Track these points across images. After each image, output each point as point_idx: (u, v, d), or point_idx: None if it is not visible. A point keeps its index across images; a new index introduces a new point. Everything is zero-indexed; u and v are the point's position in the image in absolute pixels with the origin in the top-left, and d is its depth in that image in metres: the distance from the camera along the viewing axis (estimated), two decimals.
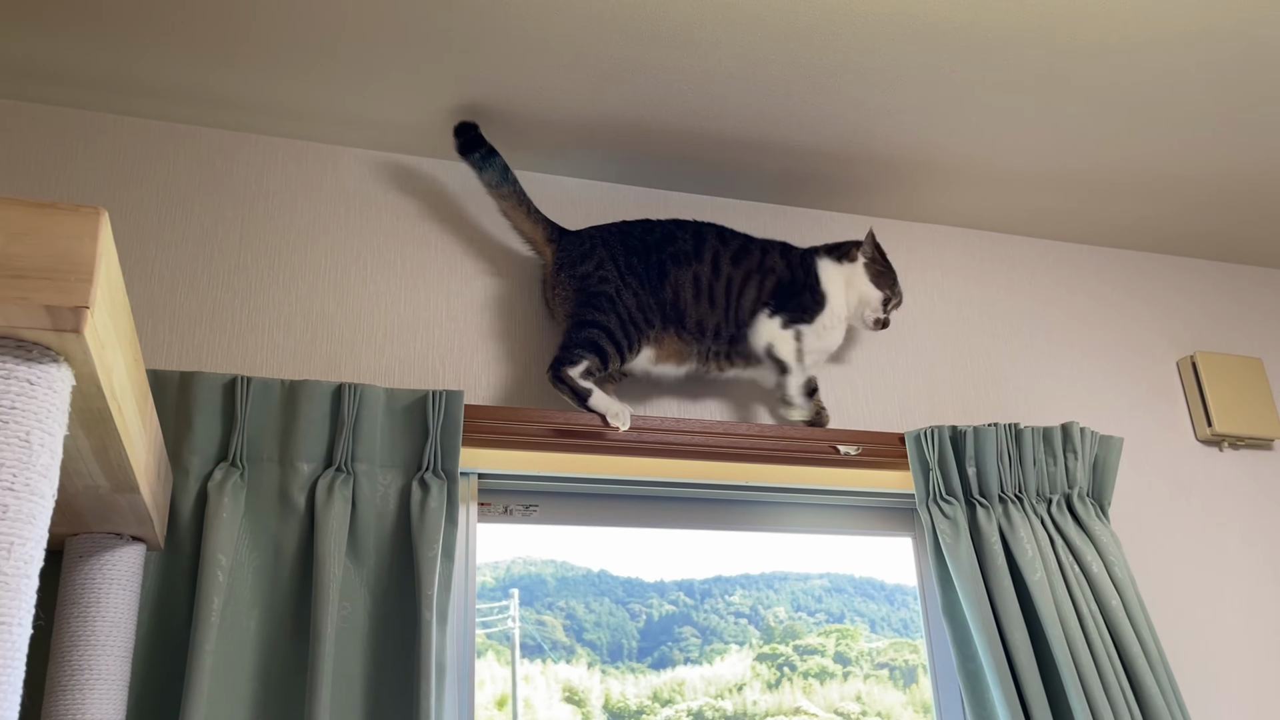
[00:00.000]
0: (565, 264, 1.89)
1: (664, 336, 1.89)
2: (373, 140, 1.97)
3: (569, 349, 1.80)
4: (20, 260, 0.71)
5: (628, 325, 1.84)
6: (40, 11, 1.60)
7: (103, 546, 1.29)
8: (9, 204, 0.73)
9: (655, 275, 1.90)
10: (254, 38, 1.68)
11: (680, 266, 1.91)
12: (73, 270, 0.72)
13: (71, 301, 0.71)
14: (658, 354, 1.90)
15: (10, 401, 0.71)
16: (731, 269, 1.95)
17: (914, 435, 1.95)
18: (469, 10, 1.63)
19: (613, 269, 1.87)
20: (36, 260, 0.72)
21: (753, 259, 1.98)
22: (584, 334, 1.81)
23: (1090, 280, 2.47)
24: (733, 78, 1.83)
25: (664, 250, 1.92)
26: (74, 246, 0.73)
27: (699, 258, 1.93)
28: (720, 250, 1.95)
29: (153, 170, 1.85)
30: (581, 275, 1.87)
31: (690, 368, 1.94)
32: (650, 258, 1.91)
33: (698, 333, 1.91)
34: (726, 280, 1.94)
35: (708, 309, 1.92)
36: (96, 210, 0.75)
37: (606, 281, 1.86)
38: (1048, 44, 1.77)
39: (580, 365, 1.78)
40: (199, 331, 1.76)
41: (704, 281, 1.92)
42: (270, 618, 1.50)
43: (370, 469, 1.61)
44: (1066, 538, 1.93)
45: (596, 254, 1.89)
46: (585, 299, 1.85)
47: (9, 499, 0.69)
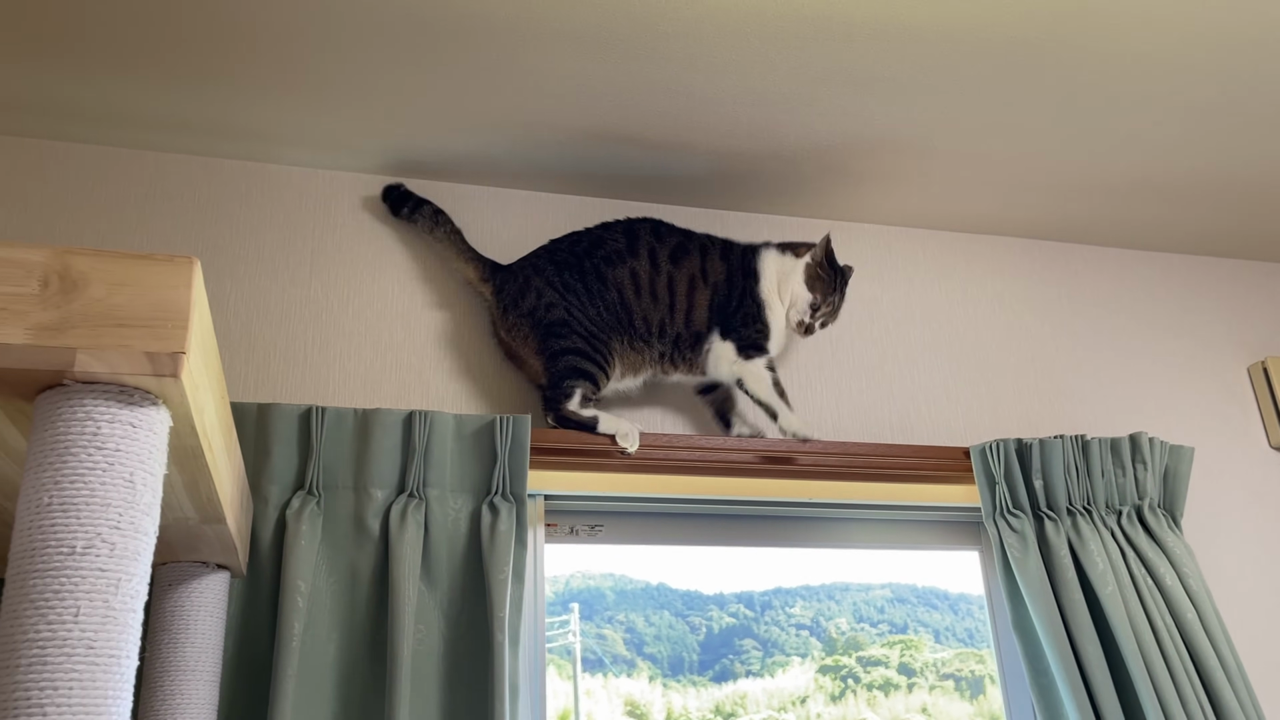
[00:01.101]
0: (509, 304, 1.86)
1: (623, 350, 1.86)
2: (440, 172, 2.02)
3: (556, 385, 1.79)
4: (121, 310, 0.75)
5: (594, 340, 1.82)
6: (122, 57, 1.66)
7: (190, 575, 1.34)
8: (110, 256, 0.77)
9: (594, 281, 1.86)
10: (324, 76, 1.73)
11: (615, 266, 1.88)
12: (170, 318, 0.76)
13: (170, 348, 0.75)
14: (621, 369, 1.87)
15: (115, 444, 0.74)
16: (672, 267, 1.90)
17: (979, 449, 1.94)
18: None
19: (553, 293, 1.84)
20: (136, 309, 0.75)
21: (692, 261, 1.92)
22: (562, 364, 1.80)
23: (1155, 286, 2.44)
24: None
25: (595, 255, 1.88)
26: (170, 295, 0.77)
27: (634, 253, 1.89)
28: (656, 246, 1.91)
29: (226, 208, 1.91)
30: (529, 310, 1.84)
31: (646, 375, 1.91)
32: (584, 265, 1.87)
33: (645, 333, 1.87)
34: (668, 277, 1.89)
35: (650, 304, 1.88)
36: (189, 260, 0.79)
37: (554, 307, 1.83)
38: (1109, 51, 1.76)
39: (575, 396, 1.78)
40: (274, 363, 1.82)
41: (643, 277, 1.88)
42: (348, 642, 1.54)
43: (441, 494, 1.64)
44: (1138, 550, 1.90)
45: (533, 285, 1.86)
46: (544, 331, 1.83)
47: (116, 537, 0.72)
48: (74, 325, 0.73)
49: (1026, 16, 1.66)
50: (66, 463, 0.72)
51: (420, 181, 2.02)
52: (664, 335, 1.88)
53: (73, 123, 1.82)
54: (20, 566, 0.70)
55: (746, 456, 1.87)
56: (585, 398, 1.79)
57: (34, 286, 0.73)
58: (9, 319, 0.71)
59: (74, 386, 0.74)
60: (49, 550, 0.70)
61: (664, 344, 1.88)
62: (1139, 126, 1.98)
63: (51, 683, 0.67)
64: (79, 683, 0.68)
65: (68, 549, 0.70)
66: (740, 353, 1.89)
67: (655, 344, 1.88)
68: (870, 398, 2.12)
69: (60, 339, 0.72)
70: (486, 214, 2.05)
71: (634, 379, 1.90)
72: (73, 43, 1.62)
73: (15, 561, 0.70)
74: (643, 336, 1.87)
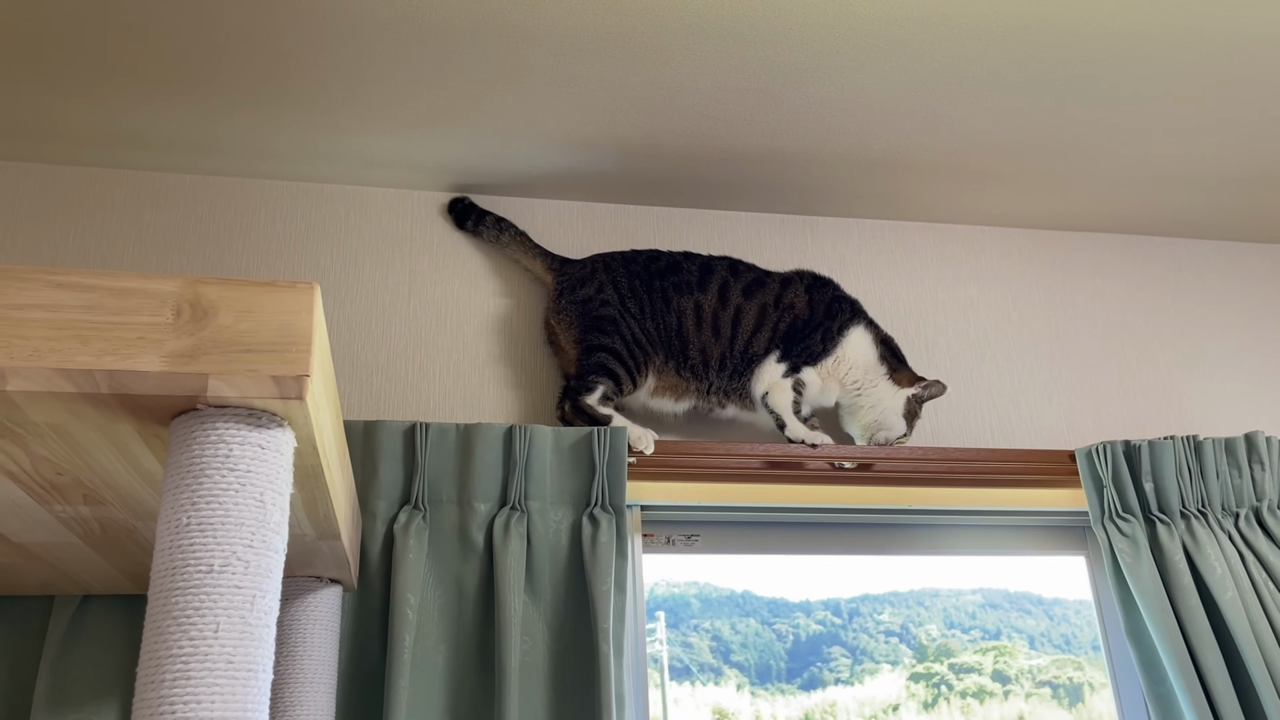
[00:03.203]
0: (566, 289, 1.90)
1: (665, 369, 1.86)
2: (528, 190, 2.05)
3: (583, 376, 1.80)
4: (248, 336, 0.78)
5: (633, 347, 1.83)
6: (227, 90, 1.73)
7: (305, 589, 1.38)
8: (236, 284, 0.80)
9: (659, 302, 1.88)
10: (429, 104, 1.77)
11: (683, 294, 1.89)
12: (294, 342, 0.78)
13: (294, 371, 0.78)
14: (656, 385, 1.87)
15: (246, 466, 0.77)
16: (742, 300, 1.90)
17: (1085, 452, 1.89)
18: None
19: (613, 293, 1.87)
20: (262, 335, 0.78)
21: (768, 292, 1.92)
22: (594, 359, 1.81)
23: (1264, 280, 2.35)
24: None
25: (668, 279, 1.90)
26: (293, 320, 0.79)
27: (703, 288, 1.90)
28: (730, 281, 1.91)
29: (325, 231, 1.96)
30: (583, 299, 1.87)
31: (690, 404, 1.90)
32: (654, 284, 1.89)
33: (701, 365, 1.87)
34: (735, 311, 1.89)
35: (710, 338, 1.87)
36: (310, 285, 0.81)
37: (608, 305, 1.86)
38: (1208, 43, 1.71)
39: (596, 392, 1.78)
40: (377, 380, 1.86)
41: (707, 311, 1.88)
42: (456, 654, 1.57)
43: (542, 506, 1.66)
44: (1258, 554, 1.83)
45: (597, 278, 1.89)
46: (589, 323, 1.85)
47: (249, 555, 0.75)
48: (205, 352, 0.76)
49: (1124, 5, 1.62)
50: (202, 484, 0.75)
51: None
52: (722, 368, 1.88)
53: (180, 154, 1.89)
54: (162, 584, 0.73)
55: (847, 465, 1.86)
56: (606, 396, 1.79)
57: (168, 316, 0.77)
58: (146, 348, 0.75)
59: (206, 411, 0.78)
60: (189, 569, 0.73)
61: (720, 377, 1.88)
62: (1245, 114, 1.91)
63: (195, 696, 0.70)
64: (220, 696, 0.71)
65: (206, 567, 0.73)
66: (787, 374, 1.87)
67: (708, 376, 1.88)
68: (969, 402, 2.09)
69: (193, 365, 0.75)
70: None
71: (675, 403, 1.89)
72: (180, 78, 1.69)
73: (157, 580, 0.73)
74: (695, 368, 1.87)
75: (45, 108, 1.75)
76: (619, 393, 1.81)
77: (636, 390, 1.85)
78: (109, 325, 0.75)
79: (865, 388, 1.92)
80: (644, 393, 1.87)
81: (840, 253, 2.17)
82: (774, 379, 1.87)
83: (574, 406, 1.79)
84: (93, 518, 1.06)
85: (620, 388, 1.81)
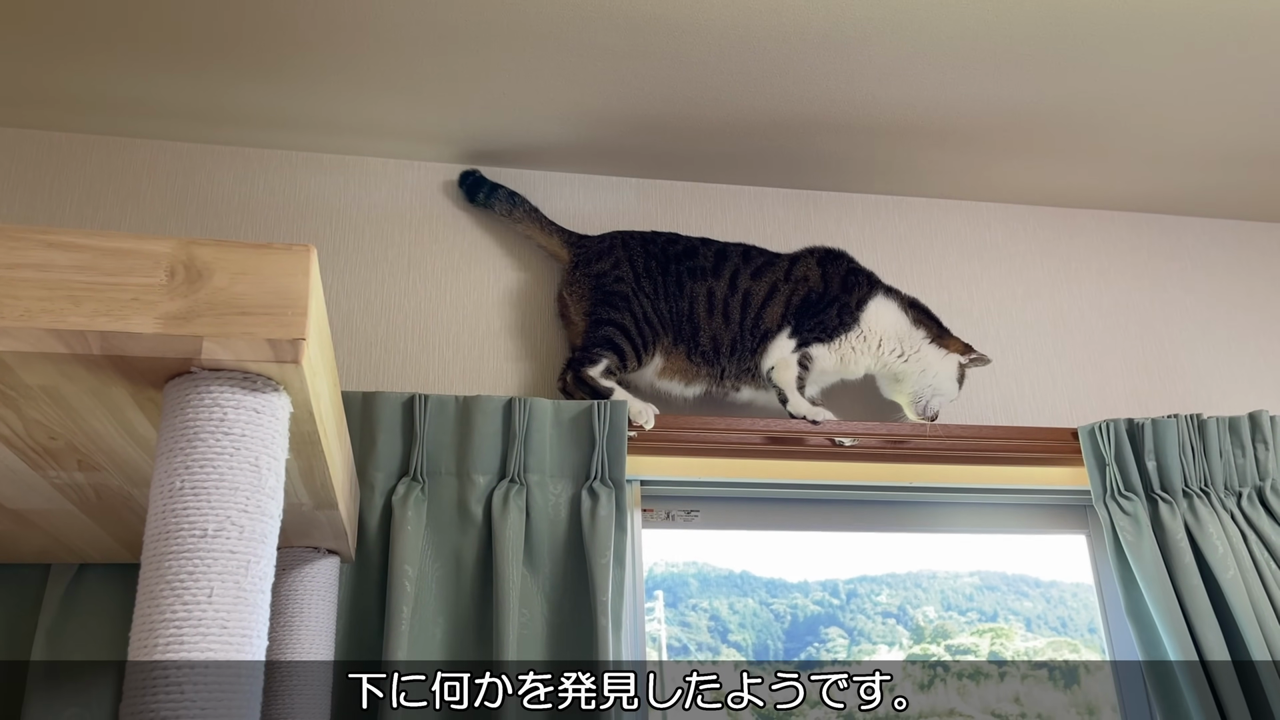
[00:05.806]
0: (581, 262, 1.89)
1: (674, 351, 1.86)
2: (535, 161, 2.03)
3: (587, 349, 1.80)
4: (244, 298, 0.76)
5: (642, 325, 1.83)
6: (226, 57, 1.71)
7: (303, 560, 1.37)
8: (231, 246, 0.78)
9: (673, 286, 1.87)
10: (438, 70, 1.75)
11: (696, 280, 1.88)
12: (289, 305, 0.77)
13: (290, 334, 0.76)
14: (664, 367, 1.86)
15: (241, 430, 0.76)
16: (751, 283, 1.89)
17: (1088, 430, 1.88)
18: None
19: (629, 270, 1.87)
20: (258, 297, 0.77)
21: (778, 270, 1.91)
22: (601, 332, 1.81)
23: (1270, 259, 2.33)
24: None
25: (684, 263, 1.89)
26: (289, 283, 0.78)
27: (716, 274, 1.89)
28: (740, 268, 1.90)
29: (325, 201, 1.95)
30: (597, 273, 1.87)
31: (702, 389, 1.89)
32: (669, 268, 1.88)
33: (712, 351, 1.86)
34: (744, 295, 1.88)
35: (721, 324, 1.87)
36: (306, 248, 0.80)
37: (622, 281, 1.85)
38: (1219, 18, 1.68)
39: (600, 364, 1.78)
40: (375, 352, 1.85)
41: (718, 297, 1.87)
42: (454, 625, 1.56)
43: (541, 479, 1.65)
44: (1260, 533, 1.83)
45: (614, 254, 1.89)
46: (601, 297, 1.85)
47: (244, 520, 0.74)
48: (200, 314, 0.75)
49: None
50: (196, 448, 0.74)
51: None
52: (734, 352, 1.87)
53: (179, 122, 1.87)
54: (155, 549, 0.72)
55: (855, 439, 1.85)
56: (609, 370, 1.79)
57: (161, 277, 0.75)
58: (140, 309, 0.73)
59: (200, 374, 0.76)
60: (182, 533, 0.72)
61: (733, 361, 1.87)
62: (1254, 91, 1.89)
63: (189, 662, 0.69)
64: (214, 661, 0.70)
65: (200, 531, 0.72)
66: (796, 349, 1.86)
67: (719, 362, 1.86)
68: (972, 378, 2.07)
69: (188, 327, 0.74)
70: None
71: (686, 387, 1.88)
72: (180, 44, 1.67)
73: (150, 544, 0.72)
74: (706, 354, 1.86)
75: (44, 74, 1.73)
76: (623, 368, 1.81)
77: (641, 368, 1.84)
78: (102, 286, 0.74)
79: (909, 354, 1.90)
80: (651, 372, 1.86)
81: (844, 228, 2.16)
82: (782, 355, 1.86)
83: (576, 378, 1.78)
84: (88, 484, 1.05)
85: (625, 363, 1.80)
